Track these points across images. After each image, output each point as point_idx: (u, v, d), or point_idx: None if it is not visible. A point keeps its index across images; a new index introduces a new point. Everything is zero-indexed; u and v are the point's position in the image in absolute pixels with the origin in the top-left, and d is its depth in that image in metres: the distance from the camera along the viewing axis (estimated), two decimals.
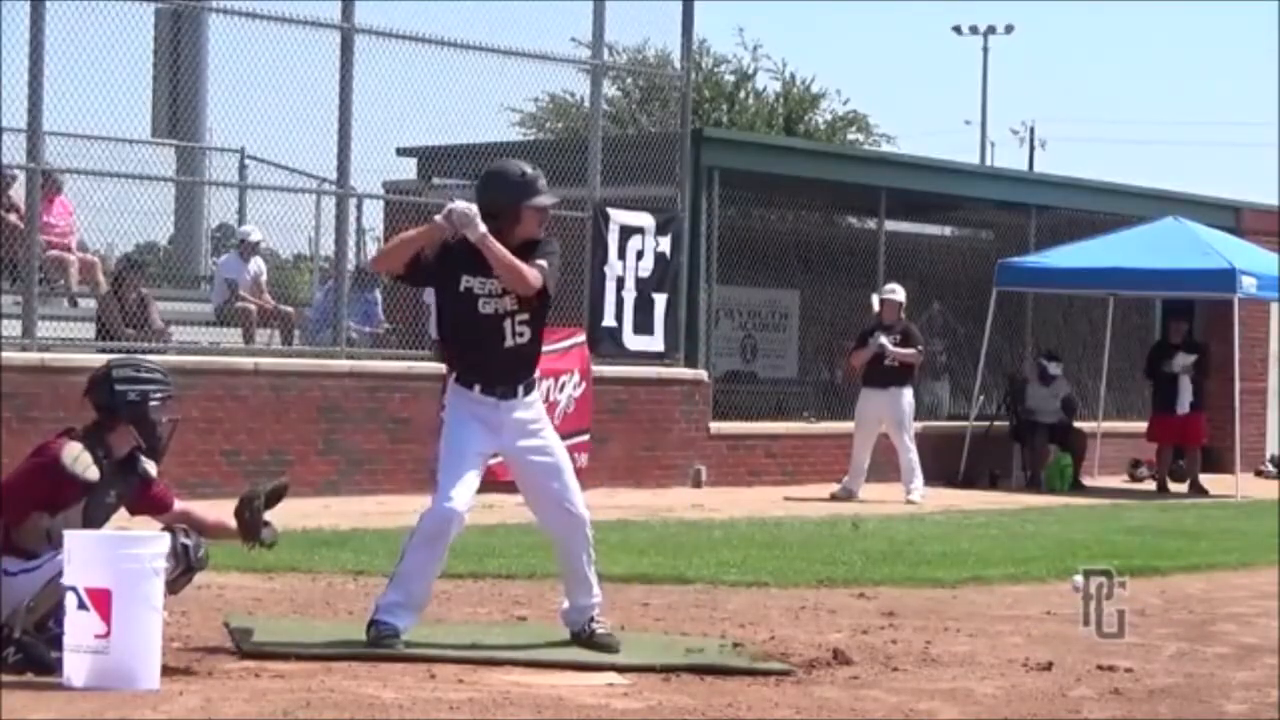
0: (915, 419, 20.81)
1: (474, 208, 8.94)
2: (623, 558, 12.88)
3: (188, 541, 8.43)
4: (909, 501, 19.87)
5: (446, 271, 9.05)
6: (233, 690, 7.92)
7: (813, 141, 35.66)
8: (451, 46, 19.12)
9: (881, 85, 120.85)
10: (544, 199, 9.13)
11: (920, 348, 20.61)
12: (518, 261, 8.90)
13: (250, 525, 8.80)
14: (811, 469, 22.01)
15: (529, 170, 9.13)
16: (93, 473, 8.39)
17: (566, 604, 9.36)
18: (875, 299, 20.97)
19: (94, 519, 8.43)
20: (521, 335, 9.08)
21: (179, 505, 8.87)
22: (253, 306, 19.80)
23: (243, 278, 19.96)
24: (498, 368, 9.07)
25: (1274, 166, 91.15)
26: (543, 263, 8.98)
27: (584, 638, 9.22)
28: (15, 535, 8.31)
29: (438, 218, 8.99)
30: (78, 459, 8.36)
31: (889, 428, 20.50)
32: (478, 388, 9.08)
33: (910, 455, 20.31)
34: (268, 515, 8.87)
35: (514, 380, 9.10)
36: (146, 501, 8.81)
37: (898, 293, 20.71)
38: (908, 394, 20.53)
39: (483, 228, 8.87)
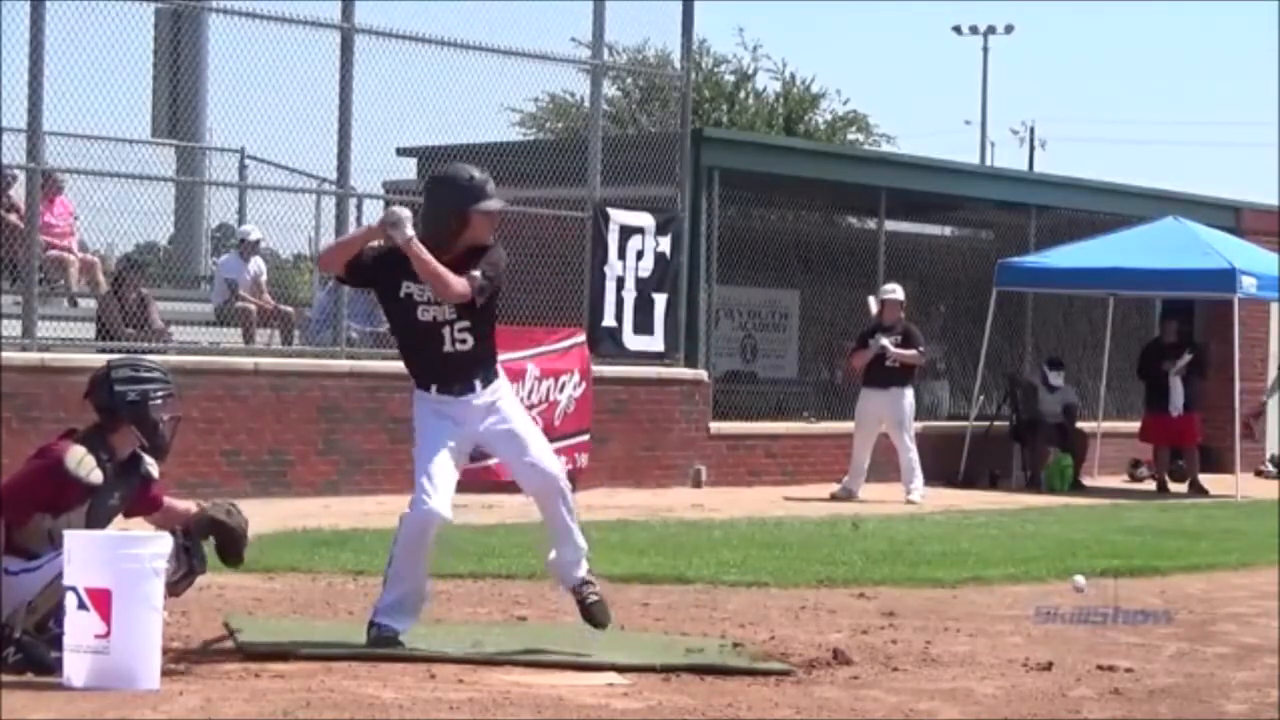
0: (915, 419, 20.80)
1: (406, 212, 8.86)
2: (623, 558, 12.88)
3: (190, 544, 8.44)
4: (909, 501, 19.86)
5: (387, 276, 9.01)
6: (233, 690, 7.92)
7: (813, 141, 35.63)
8: (451, 46, 19.11)
9: (881, 85, 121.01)
10: (492, 203, 9.04)
11: (922, 349, 20.59)
12: (443, 270, 8.78)
13: (202, 522, 8.82)
14: (811, 469, 21.99)
15: (477, 174, 9.05)
16: (96, 476, 8.38)
17: (553, 555, 9.32)
18: (873, 301, 20.94)
19: (97, 521, 8.43)
20: (463, 342, 8.99)
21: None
22: (253, 306, 19.78)
23: (243, 278, 19.94)
24: (446, 370, 9.04)
25: (1274, 166, 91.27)
26: (476, 274, 8.86)
27: (577, 600, 9.24)
28: (18, 536, 8.30)
29: (375, 221, 8.98)
30: (81, 462, 8.35)
31: (889, 428, 20.49)
32: (434, 388, 9.07)
33: (910, 455, 20.30)
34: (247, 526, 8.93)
35: (468, 378, 9.05)
36: (146, 502, 8.81)
37: (897, 293, 20.69)
38: (908, 394, 20.51)
39: (410, 232, 8.77)
